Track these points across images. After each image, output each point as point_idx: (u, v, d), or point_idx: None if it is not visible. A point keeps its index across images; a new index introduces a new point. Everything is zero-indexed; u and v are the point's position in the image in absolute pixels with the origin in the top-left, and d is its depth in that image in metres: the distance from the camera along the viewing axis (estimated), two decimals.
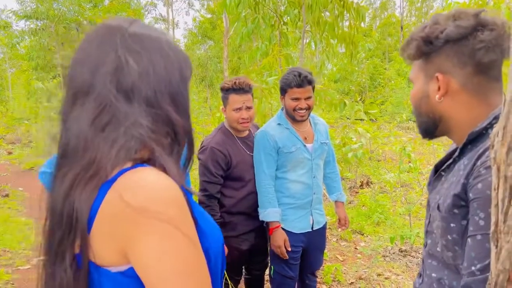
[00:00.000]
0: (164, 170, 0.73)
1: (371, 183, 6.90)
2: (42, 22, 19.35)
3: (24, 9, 19.06)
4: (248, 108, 2.39)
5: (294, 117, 2.40)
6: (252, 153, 2.49)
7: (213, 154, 2.35)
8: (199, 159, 2.37)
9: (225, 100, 2.43)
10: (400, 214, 5.22)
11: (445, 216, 0.97)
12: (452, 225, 0.96)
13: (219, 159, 2.36)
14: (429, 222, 1.12)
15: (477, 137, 0.96)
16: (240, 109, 2.36)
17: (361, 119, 6.16)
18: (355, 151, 4.54)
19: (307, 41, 4.78)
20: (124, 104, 0.73)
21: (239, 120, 2.38)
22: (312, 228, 2.54)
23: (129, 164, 0.71)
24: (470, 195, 0.89)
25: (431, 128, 1.07)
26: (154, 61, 0.77)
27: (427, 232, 1.14)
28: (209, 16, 20.71)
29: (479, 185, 0.87)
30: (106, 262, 0.68)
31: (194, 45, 23.29)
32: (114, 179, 0.68)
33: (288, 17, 4.46)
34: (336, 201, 2.79)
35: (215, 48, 20.77)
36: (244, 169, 2.45)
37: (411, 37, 1.03)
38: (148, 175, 0.69)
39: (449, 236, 0.98)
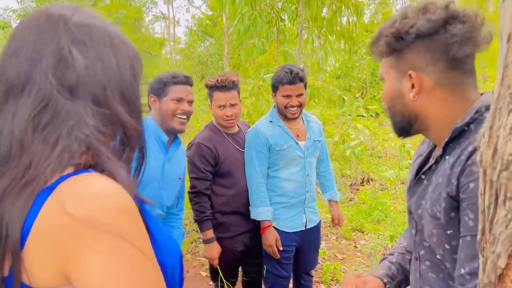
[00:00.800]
0: (112, 176, 0.64)
1: (372, 180, 6.86)
2: None
3: (24, 8, 19.06)
4: (232, 105, 2.34)
5: (285, 114, 2.37)
6: (242, 149, 2.44)
7: (199, 149, 2.31)
8: (186, 156, 2.33)
9: (210, 97, 2.41)
10: (400, 211, 5.18)
11: (440, 223, 0.92)
12: (449, 231, 0.90)
13: (206, 154, 2.32)
14: (416, 231, 1.05)
15: (459, 134, 0.91)
16: (224, 106, 2.32)
17: (362, 116, 6.12)
18: (354, 148, 4.50)
19: (306, 37, 4.73)
20: (68, 101, 0.63)
21: (223, 117, 2.34)
22: (305, 226, 2.50)
23: (70, 170, 0.61)
24: (461, 195, 0.85)
25: (406, 127, 1.01)
26: (102, 54, 0.68)
27: (415, 243, 1.07)
28: (209, 13, 20.65)
29: (471, 185, 0.82)
30: (42, 283, 0.58)
31: (195, 42, 23.25)
32: (53, 187, 0.58)
33: (286, 14, 4.41)
34: (329, 200, 2.75)
35: (216, 46, 20.73)
36: (233, 164, 2.40)
37: (380, 33, 0.97)
38: (95, 182, 0.59)
39: (446, 245, 0.92)
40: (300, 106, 2.36)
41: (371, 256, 4.09)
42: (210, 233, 2.34)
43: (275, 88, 2.38)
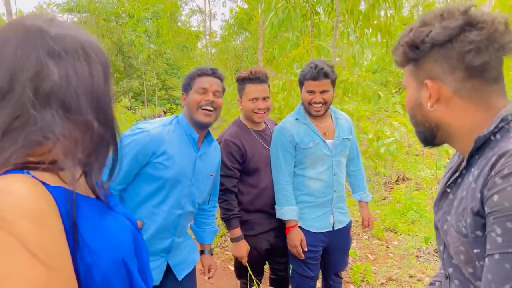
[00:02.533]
0: (62, 176, 0.72)
1: (407, 179, 6.65)
2: (84, 15, 19.97)
3: (68, 3, 19.74)
4: (265, 98, 2.30)
5: (309, 111, 2.31)
6: (269, 146, 2.40)
7: (227, 146, 2.28)
8: None
9: (241, 91, 2.35)
10: None
11: (467, 240, 0.85)
12: (476, 251, 0.83)
13: (233, 151, 2.29)
14: (444, 247, 0.99)
15: (484, 144, 0.85)
16: (256, 99, 2.28)
17: (398, 112, 5.93)
18: (388, 145, 4.35)
19: (341, 31, 4.61)
20: (40, 110, 0.70)
21: (255, 109, 2.29)
22: (333, 227, 2.42)
23: (6, 169, 0.68)
24: (486, 208, 0.78)
25: (429, 136, 0.97)
26: (76, 64, 0.74)
27: (444, 260, 1.01)
28: (245, 6, 20.65)
29: (495, 197, 0.75)
30: None
31: (230, 36, 23.32)
32: None
33: (321, 7, 4.31)
34: (359, 201, 2.64)
35: (251, 39, 20.71)
36: (260, 162, 2.36)
37: (398, 42, 0.94)
38: (12, 183, 0.65)
39: (474, 264, 0.85)
40: (325, 103, 2.27)
41: (404, 258, 3.96)
42: (237, 231, 2.32)
43: (300, 83, 2.34)
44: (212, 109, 1.87)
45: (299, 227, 2.37)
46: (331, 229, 2.42)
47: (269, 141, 2.42)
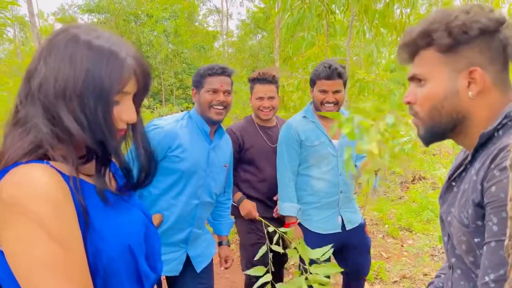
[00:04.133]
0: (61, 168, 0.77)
1: (423, 179, 6.60)
2: (103, 15, 20.31)
3: (88, 3, 20.10)
4: (270, 98, 2.46)
5: (321, 111, 2.29)
6: (273, 144, 2.52)
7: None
8: None
9: (251, 90, 2.55)
10: None
11: (468, 230, 0.89)
12: (476, 240, 0.87)
13: (232, 138, 2.40)
14: (448, 238, 1.03)
15: (488, 139, 0.89)
16: (262, 98, 2.46)
17: None
18: (403, 145, 4.33)
19: (356, 30, 4.62)
20: (29, 107, 0.78)
21: (260, 107, 2.47)
22: (344, 228, 2.38)
23: (26, 159, 0.75)
24: (485, 200, 0.82)
25: (447, 129, 0.95)
26: (58, 67, 0.78)
27: (448, 251, 1.05)
28: (262, 6, 20.66)
29: (493, 188, 0.80)
30: None
31: (247, 35, 23.37)
32: (7, 170, 0.74)
33: (336, 7, 4.33)
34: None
35: (268, 39, 20.72)
36: (258, 154, 2.50)
37: (433, 27, 0.90)
38: (31, 171, 0.73)
39: (475, 253, 0.89)
40: (337, 103, 2.27)
41: (418, 256, 3.96)
42: (238, 195, 2.51)
43: (312, 82, 2.33)
44: (222, 107, 1.97)
45: (299, 224, 2.36)
46: (340, 230, 2.38)
47: (274, 138, 2.53)
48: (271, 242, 2.49)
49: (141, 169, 0.96)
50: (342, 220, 2.38)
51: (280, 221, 2.49)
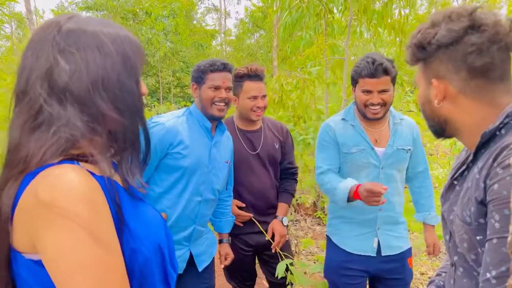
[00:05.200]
0: (97, 167, 0.76)
1: None
2: (101, 13, 20.26)
3: (85, 1, 20.06)
4: (264, 96, 2.25)
5: (365, 113, 1.96)
6: (254, 151, 2.32)
7: None
8: None
9: (238, 88, 2.26)
10: None
11: (470, 228, 0.90)
12: (478, 238, 0.89)
13: None
14: (450, 237, 1.04)
15: (490, 139, 0.90)
16: (255, 97, 2.22)
17: (412, 111, 5.91)
18: None
19: (354, 30, 4.63)
20: (57, 106, 0.74)
21: (254, 108, 2.22)
22: (380, 253, 2.00)
23: (56, 160, 0.73)
24: (487, 197, 0.84)
25: (439, 130, 1.03)
26: (87, 58, 0.76)
27: (450, 249, 1.06)
28: (260, 4, 20.65)
29: (495, 186, 0.81)
30: (21, 249, 0.72)
31: (245, 34, 23.37)
32: (37, 172, 0.71)
33: (335, 6, 4.33)
34: (424, 223, 2.21)
35: (266, 37, 20.72)
36: (237, 165, 2.28)
37: (408, 43, 1.00)
38: (66, 172, 0.70)
39: (477, 250, 0.91)
40: (385, 104, 1.93)
41: (415, 255, 3.98)
42: None
43: (354, 81, 2.00)
44: (224, 104, 1.95)
45: (335, 243, 2.07)
46: (374, 255, 2.01)
47: (255, 144, 2.32)
48: (258, 255, 2.40)
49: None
50: (379, 243, 2.01)
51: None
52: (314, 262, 3.83)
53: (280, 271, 2.17)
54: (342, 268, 2.02)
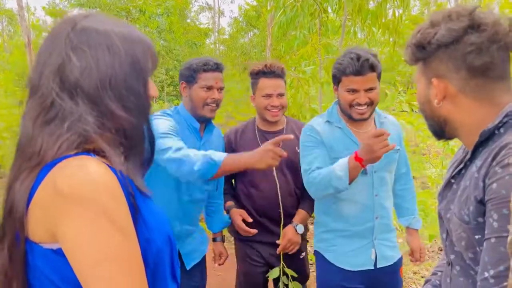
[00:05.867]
0: (108, 160, 0.77)
1: (413, 178, 6.66)
2: (94, 10, 20.11)
3: None
4: (280, 95, 2.08)
5: (350, 115, 1.81)
6: None
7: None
8: None
9: (254, 86, 2.13)
10: None
11: (468, 226, 0.90)
12: (477, 236, 0.89)
13: (225, 143, 2.20)
14: (447, 235, 1.05)
15: (488, 137, 0.90)
16: (270, 95, 2.06)
17: (405, 111, 5.94)
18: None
19: (348, 30, 4.64)
20: (69, 101, 0.76)
21: (268, 106, 2.06)
22: (375, 265, 1.87)
23: (72, 152, 0.75)
24: (486, 196, 0.84)
25: (438, 130, 1.04)
26: (97, 57, 0.78)
27: (446, 248, 1.06)
28: (254, 3, 20.64)
29: (494, 185, 0.81)
30: (39, 239, 0.73)
31: (239, 33, 23.34)
32: (54, 163, 0.72)
33: (328, 5, 4.34)
34: (407, 228, 2.11)
35: (260, 36, 20.71)
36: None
37: (407, 42, 1.01)
38: (85, 163, 0.72)
39: (475, 249, 0.91)
40: (372, 104, 1.78)
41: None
42: (229, 203, 2.19)
43: (336, 80, 1.82)
44: (216, 105, 1.92)
45: (316, 252, 1.94)
46: (372, 267, 1.86)
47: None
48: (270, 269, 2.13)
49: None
50: (376, 255, 1.88)
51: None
52: None
53: (272, 275, 2.07)
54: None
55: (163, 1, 19.22)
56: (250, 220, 2.10)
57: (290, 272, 2.05)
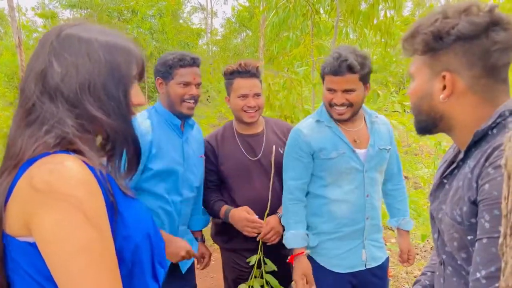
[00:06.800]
0: (87, 159, 0.80)
1: (406, 178, 6.70)
2: (86, 11, 19.95)
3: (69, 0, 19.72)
4: (256, 95, 2.00)
5: (331, 114, 1.83)
6: (255, 157, 2.06)
7: (204, 146, 2.14)
8: None
9: (229, 87, 2.05)
10: None
11: (460, 227, 0.90)
12: (469, 237, 0.89)
13: (208, 151, 2.09)
14: (438, 235, 1.05)
15: (481, 138, 0.90)
16: (245, 96, 1.98)
17: (397, 111, 5.96)
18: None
19: (341, 30, 4.66)
20: (49, 105, 0.81)
21: (244, 107, 1.98)
22: (365, 266, 1.88)
23: (52, 150, 0.79)
24: (478, 197, 0.84)
25: (429, 126, 1.00)
26: (77, 63, 0.82)
27: (438, 248, 1.06)
28: (247, 4, 20.64)
29: (486, 186, 0.81)
30: (15, 233, 0.76)
31: (232, 34, 23.32)
32: (33, 161, 0.76)
33: (321, 6, 4.35)
34: (398, 228, 2.09)
35: (252, 37, 20.72)
36: (232, 170, 2.05)
37: (417, 30, 0.94)
38: (62, 160, 0.76)
39: (467, 250, 0.91)
40: (351, 105, 1.77)
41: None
42: (224, 208, 2.04)
43: (322, 78, 1.85)
44: (194, 101, 1.88)
45: (309, 257, 1.89)
46: (363, 268, 1.88)
47: (256, 149, 2.07)
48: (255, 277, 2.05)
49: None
50: (366, 255, 1.89)
51: (274, 251, 2.03)
52: None
53: (251, 259, 2.01)
54: None
55: (155, 2, 19.13)
56: (255, 216, 1.99)
57: (269, 262, 2.00)
